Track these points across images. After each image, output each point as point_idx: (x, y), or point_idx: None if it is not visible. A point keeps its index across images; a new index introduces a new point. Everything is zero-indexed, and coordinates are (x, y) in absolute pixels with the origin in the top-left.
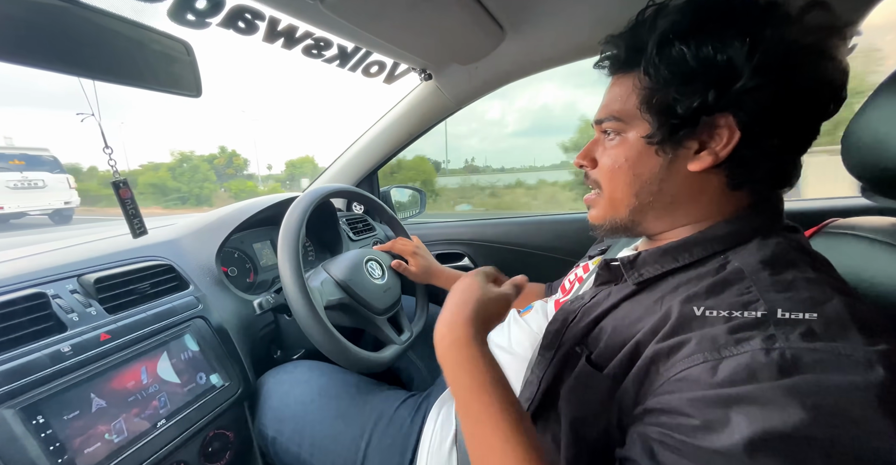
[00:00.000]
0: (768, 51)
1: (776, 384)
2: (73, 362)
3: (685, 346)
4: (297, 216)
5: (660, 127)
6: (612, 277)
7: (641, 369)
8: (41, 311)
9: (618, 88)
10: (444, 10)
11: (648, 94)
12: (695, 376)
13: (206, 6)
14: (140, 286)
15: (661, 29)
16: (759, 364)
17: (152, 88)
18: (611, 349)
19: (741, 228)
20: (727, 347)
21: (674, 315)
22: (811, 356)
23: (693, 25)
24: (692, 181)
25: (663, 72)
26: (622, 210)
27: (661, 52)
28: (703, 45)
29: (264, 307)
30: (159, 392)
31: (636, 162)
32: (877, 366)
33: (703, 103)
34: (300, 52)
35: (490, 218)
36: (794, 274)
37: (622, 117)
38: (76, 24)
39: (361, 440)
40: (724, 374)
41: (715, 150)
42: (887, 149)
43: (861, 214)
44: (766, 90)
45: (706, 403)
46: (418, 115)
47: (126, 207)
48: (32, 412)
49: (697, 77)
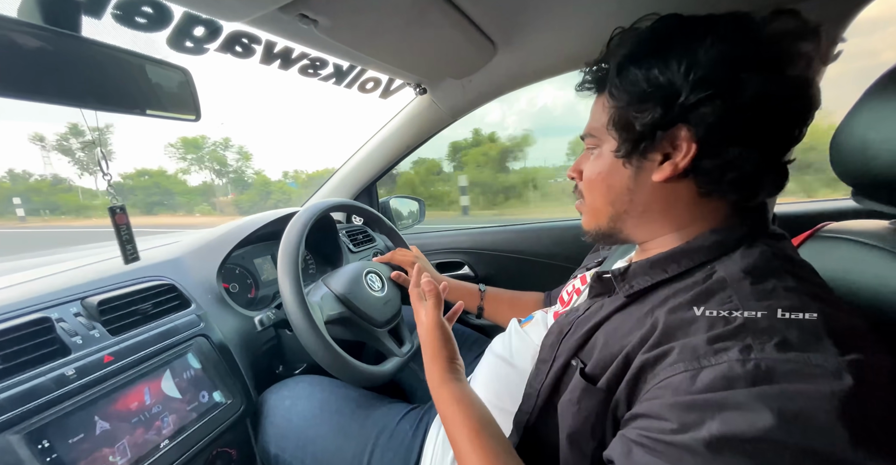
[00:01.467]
0: (706, 66)
1: (749, 391)
2: (77, 386)
3: (669, 355)
4: (296, 232)
5: (623, 142)
6: (604, 289)
7: (631, 379)
8: (45, 335)
9: (595, 106)
10: (437, 29)
11: (614, 112)
12: (675, 384)
13: (204, 33)
14: (142, 307)
15: (620, 55)
16: (735, 375)
17: (153, 116)
18: (603, 361)
19: (726, 237)
20: (706, 357)
21: (660, 326)
22: (784, 367)
23: (643, 51)
24: (661, 191)
25: (622, 93)
26: (602, 219)
27: (620, 75)
28: (651, 68)
29: (265, 324)
30: (162, 412)
31: (608, 174)
32: (845, 375)
33: (655, 119)
34: (296, 71)
35: (489, 226)
36: (775, 283)
37: (596, 134)
38: (78, 57)
39: (364, 455)
40: (702, 383)
41: (675, 161)
42: (875, 153)
43: (854, 216)
44: (709, 104)
45: (683, 408)
46: (414, 128)
47: (120, 233)
48: (37, 436)
49: (649, 97)
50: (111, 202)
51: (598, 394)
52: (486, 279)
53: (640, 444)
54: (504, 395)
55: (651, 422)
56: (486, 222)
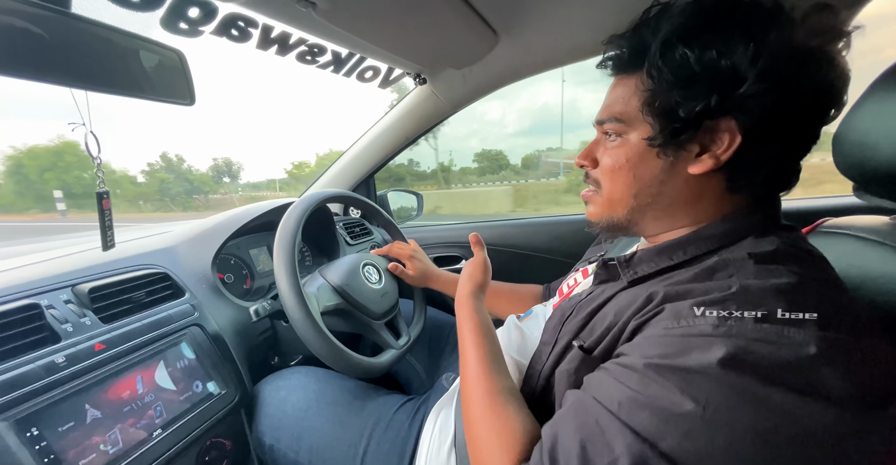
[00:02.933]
0: (773, 55)
1: (711, 339)
2: (68, 373)
3: (658, 316)
4: (292, 222)
5: (662, 130)
6: (609, 275)
7: (625, 341)
8: (35, 322)
9: (620, 89)
10: (437, 16)
11: (651, 96)
12: (650, 333)
13: (199, 14)
14: (135, 295)
15: (665, 31)
16: (704, 333)
17: (146, 98)
18: (601, 335)
19: (736, 226)
20: (687, 318)
21: (657, 297)
22: (753, 334)
23: (697, 28)
24: (692, 184)
25: (666, 75)
26: (620, 210)
27: (665, 54)
28: (707, 48)
29: (261, 314)
30: (155, 401)
31: (637, 163)
32: (811, 346)
33: (706, 107)
34: (294, 58)
35: (487, 220)
36: (778, 266)
37: (624, 119)
38: (69, 35)
39: (359, 446)
40: (673, 334)
41: (716, 153)
42: (877, 148)
43: (854, 213)
44: (769, 95)
45: (647, 345)
46: (414, 119)
47: (104, 219)
48: (26, 424)
49: (701, 81)
50: (98, 187)
51: (593, 362)
52: None
53: (604, 368)
54: None
55: (619, 358)
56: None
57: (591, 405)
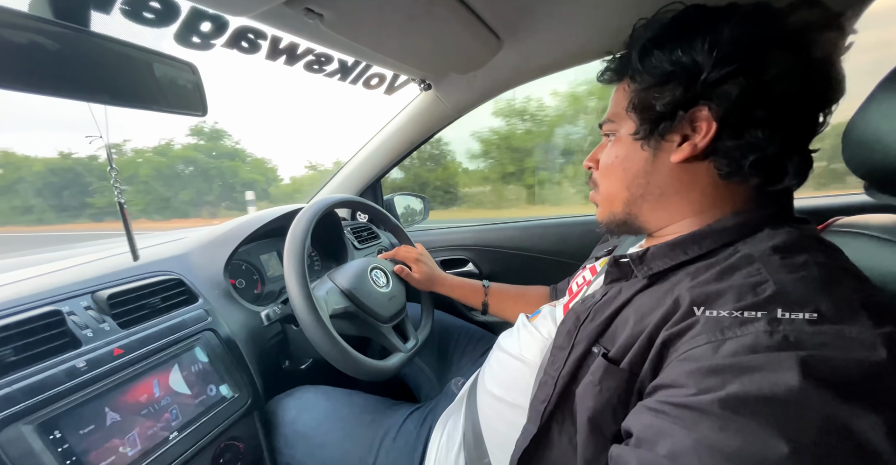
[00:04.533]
0: (728, 45)
1: (776, 355)
2: (88, 378)
3: (692, 328)
4: (302, 228)
5: (642, 123)
6: (621, 274)
7: (654, 357)
8: (57, 328)
9: (615, 94)
10: (441, 23)
11: (634, 95)
12: (697, 355)
13: (211, 28)
14: (151, 301)
15: (642, 40)
16: (761, 345)
17: (161, 110)
18: (627, 343)
19: (750, 219)
20: (731, 328)
21: (684, 302)
22: (815, 339)
23: (667, 34)
24: (679, 173)
25: (645, 76)
26: (617, 204)
27: (643, 59)
28: (675, 48)
29: (271, 318)
30: (171, 405)
31: (625, 158)
32: (880, 348)
33: (676, 98)
34: (302, 67)
35: (493, 223)
36: (806, 258)
37: (614, 119)
38: (85, 50)
39: (369, 458)
40: (725, 352)
41: (694, 141)
42: (888, 146)
43: (866, 211)
44: (732, 82)
45: (703, 373)
46: (419, 124)
47: (129, 228)
48: (49, 427)
49: (672, 77)
50: (117, 198)
51: (620, 374)
52: (490, 276)
53: (657, 410)
54: (514, 390)
55: (669, 390)
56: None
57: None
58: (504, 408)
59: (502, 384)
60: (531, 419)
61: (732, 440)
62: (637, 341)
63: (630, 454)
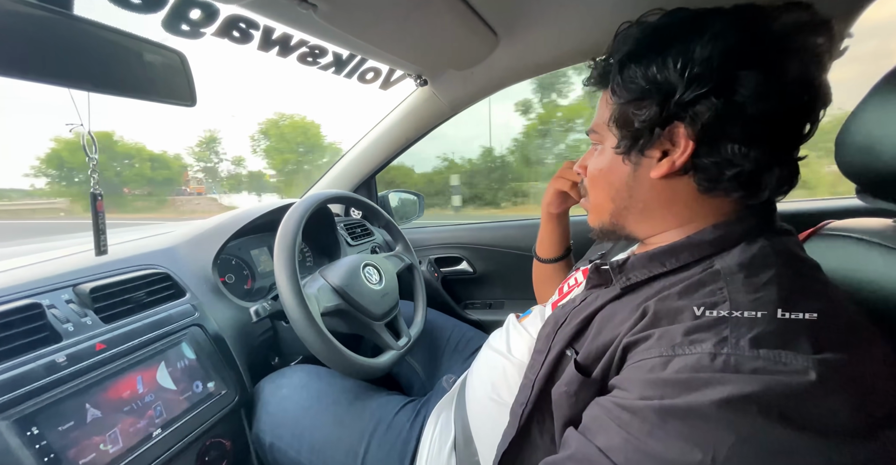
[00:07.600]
0: (699, 65)
1: (711, 375)
2: (68, 373)
3: (648, 340)
4: (293, 223)
5: (622, 138)
6: (601, 280)
7: (618, 359)
8: (36, 321)
9: (601, 102)
10: (438, 18)
11: (615, 109)
12: (647, 366)
13: (201, 16)
14: (136, 295)
15: (621, 52)
16: (703, 366)
17: (147, 99)
18: (596, 351)
19: (727, 232)
20: (682, 346)
21: (649, 313)
22: (752, 364)
23: (644, 47)
24: (661, 188)
25: (623, 91)
26: (605, 214)
27: (621, 73)
28: (650, 66)
29: (261, 315)
30: (155, 401)
31: (608, 170)
32: (810, 372)
33: (652, 117)
34: (295, 59)
35: (489, 222)
36: (769, 276)
37: (599, 130)
38: (70, 36)
39: (360, 446)
40: (671, 369)
41: (673, 158)
42: (880, 151)
43: (857, 215)
44: (705, 102)
45: (647, 384)
46: (414, 120)
47: (98, 221)
48: (27, 423)
49: (647, 94)
50: (93, 188)
51: (594, 385)
52: (484, 275)
53: (604, 406)
54: (502, 388)
55: (618, 391)
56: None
57: (596, 457)
58: (493, 407)
59: (490, 383)
60: (510, 422)
61: (656, 443)
62: (607, 351)
63: (574, 438)
